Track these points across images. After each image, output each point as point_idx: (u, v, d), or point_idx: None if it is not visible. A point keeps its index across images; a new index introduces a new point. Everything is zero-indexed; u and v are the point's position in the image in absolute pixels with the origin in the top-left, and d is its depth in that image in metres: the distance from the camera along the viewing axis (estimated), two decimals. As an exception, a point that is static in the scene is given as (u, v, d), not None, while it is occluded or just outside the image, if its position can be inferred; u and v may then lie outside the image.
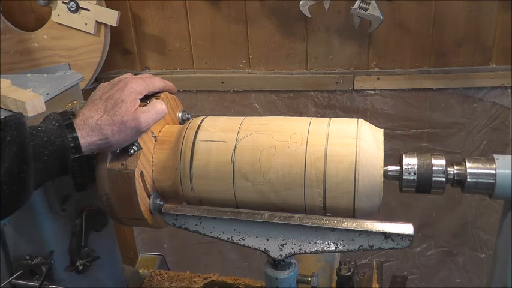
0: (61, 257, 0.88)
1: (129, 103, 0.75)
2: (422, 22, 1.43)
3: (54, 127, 0.70)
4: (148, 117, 0.76)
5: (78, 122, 0.72)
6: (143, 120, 0.75)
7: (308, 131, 0.77)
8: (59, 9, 1.51)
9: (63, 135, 0.70)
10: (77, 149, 0.71)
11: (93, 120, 0.72)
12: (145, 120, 0.75)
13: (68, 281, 0.89)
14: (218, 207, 0.79)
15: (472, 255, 1.74)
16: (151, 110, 0.77)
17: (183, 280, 1.17)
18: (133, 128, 0.74)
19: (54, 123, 0.71)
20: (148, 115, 0.76)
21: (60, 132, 0.70)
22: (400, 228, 0.71)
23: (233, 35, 1.54)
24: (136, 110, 0.75)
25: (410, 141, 1.59)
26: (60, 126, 0.70)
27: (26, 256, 0.85)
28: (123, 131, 0.74)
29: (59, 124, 0.70)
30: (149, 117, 0.76)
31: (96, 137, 0.72)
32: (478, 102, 1.51)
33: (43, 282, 0.84)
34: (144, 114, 0.75)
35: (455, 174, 0.72)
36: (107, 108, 0.74)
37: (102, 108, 0.74)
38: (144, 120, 0.75)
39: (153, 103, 0.78)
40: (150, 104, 0.78)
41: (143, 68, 1.65)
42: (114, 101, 0.74)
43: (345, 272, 1.00)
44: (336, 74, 1.53)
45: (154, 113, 0.77)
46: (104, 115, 0.73)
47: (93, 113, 0.73)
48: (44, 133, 0.69)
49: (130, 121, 0.74)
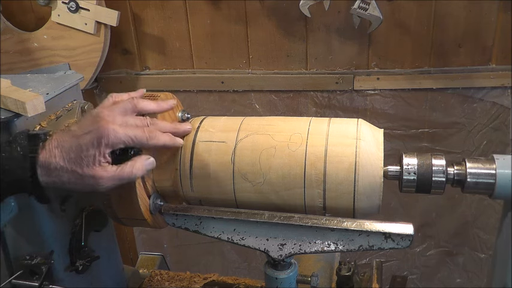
0: (61, 257, 0.88)
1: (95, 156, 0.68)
2: (422, 22, 1.43)
3: (18, 155, 0.68)
4: (108, 180, 0.69)
5: (41, 158, 0.68)
6: (101, 182, 0.69)
7: (308, 132, 0.77)
8: (59, 9, 1.51)
9: (24, 167, 0.67)
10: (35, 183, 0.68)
11: (54, 162, 0.68)
12: (104, 182, 0.69)
13: (68, 281, 0.88)
14: (218, 207, 0.79)
15: (472, 255, 1.74)
16: (116, 173, 0.69)
17: (183, 280, 1.17)
18: (88, 184, 0.69)
19: (19, 151, 0.68)
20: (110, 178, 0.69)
21: (23, 164, 0.67)
22: (400, 228, 0.71)
23: (233, 35, 1.54)
24: (98, 168, 0.68)
25: (410, 141, 1.59)
26: (24, 157, 0.68)
27: (26, 256, 0.84)
28: (79, 183, 0.69)
29: (23, 154, 0.68)
30: (110, 180, 0.69)
31: (54, 178, 0.68)
32: (478, 102, 1.51)
33: (43, 282, 0.83)
34: (105, 174, 0.69)
35: (455, 174, 0.72)
36: (71, 152, 0.68)
37: (67, 149, 0.68)
38: (102, 182, 0.69)
39: (123, 166, 0.70)
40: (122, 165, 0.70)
41: (143, 68, 1.65)
42: (81, 147, 0.68)
43: (345, 272, 1.00)
44: (336, 74, 1.53)
45: (118, 178, 0.70)
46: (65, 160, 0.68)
47: (56, 152, 0.68)
48: (6, 160, 0.67)
49: (88, 177, 0.68)
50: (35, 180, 0.68)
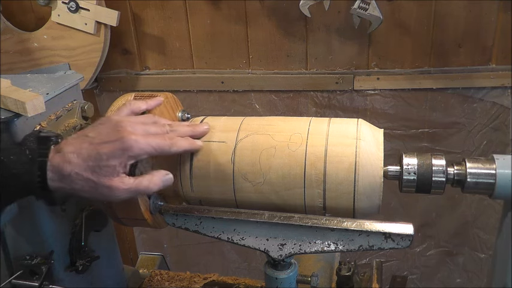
0: (61, 257, 0.88)
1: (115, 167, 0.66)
2: (422, 22, 1.43)
3: (26, 160, 0.65)
4: (124, 192, 0.67)
5: (54, 162, 0.66)
6: (117, 193, 0.67)
7: (308, 132, 0.77)
8: (59, 9, 1.51)
9: (32, 172, 0.65)
10: (43, 188, 0.66)
11: (68, 168, 0.65)
12: (119, 193, 0.67)
13: (68, 281, 0.88)
14: (218, 207, 0.79)
15: (472, 255, 1.74)
16: (133, 185, 0.68)
17: (183, 280, 1.17)
18: (102, 194, 0.67)
19: (28, 155, 0.66)
20: (125, 190, 0.67)
21: (30, 169, 0.65)
22: (400, 228, 0.71)
23: (233, 35, 1.54)
24: (116, 179, 0.67)
25: (410, 141, 1.59)
26: (32, 161, 0.65)
27: (26, 256, 0.84)
28: (92, 192, 0.67)
29: (32, 158, 0.66)
30: (125, 192, 0.68)
31: (66, 185, 0.66)
32: (478, 102, 1.51)
33: (43, 282, 0.83)
34: (122, 185, 0.67)
35: (455, 174, 0.72)
36: (89, 160, 0.66)
37: (85, 156, 0.66)
38: (117, 193, 0.67)
39: (141, 179, 0.69)
40: (140, 178, 0.69)
41: (143, 68, 1.65)
42: (100, 156, 0.66)
43: (345, 272, 1.00)
44: (336, 74, 1.53)
45: (134, 191, 0.68)
46: (81, 168, 0.65)
47: (73, 158, 0.66)
48: (14, 164, 0.65)
49: (103, 187, 0.66)
50: (44, 184, 0.66)
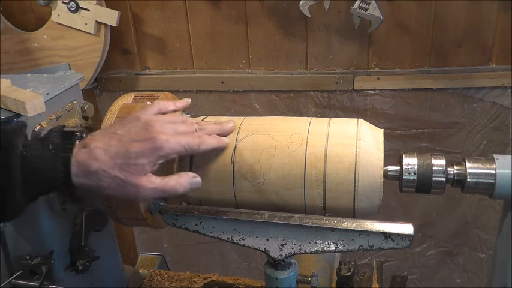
0: (61, 257, 0.88)
1: (144, 166, 0.66)
2: (422, 22, 1.43)
3: (49, 155, 0.64)
4: (151, 191, 0.67)
5: (79, 157, 0.65)
6: (143, 192, 0.67)
7: (308, 132, 0.77)
8: (59, 9, 1.51)
9: (56, 167, 0.64)
10: (67, 184, 0.65)
11: (95, 165, 0.64)
12: (146, 193, 0.67)
13: (68, 281, 0.89)
14: (218, 207, 0.79)
15: (472, 255, 1.74)
16: (160, 185, 0.67)
17: (183, 280, 1.17)
18: (129, 192, 0.67)
19: (51, 150, 0.65)
20: (152, 189, 0.67)
21: (54, 164, 0.64)
22: (400, 228, 0.71)
23: (233, 35, 1.54)
24: (144, 178, 0.66)
25: (410, 141, 1.59)
26: (56, 156, 0.64)
27: (26, 256, 0.85)
28: (118, 190, 0.66)
29: (55, 153, 0.65)
30: (152, 192, 0.67)
31: (91, 181, 0.65)
32: (478, 102, 1.51)
33: (43, 282, 0.84)
34: (149, 184, 0.67)
35: (455, 174, 0.72)
36: (118, 157, 0.65)
37: (113, 154, 0.65)
38: (144, 192, 0.67)
39: (167, 179, 0.69)
40: (167, 178, 0.69)
41: (143, 68, 1.65)
42: (129, 154, 0.65)
43: (345, 272, 1.00)
44: (336, 74, 1.53)
45: (161, 191, 0.68)
46: (108, 165, 0.65)
47: (100, 154, 0.65)
48: (36, 159, 0.63)
49: (131, 185, 0.66)
50: (68, 180, 0.65)
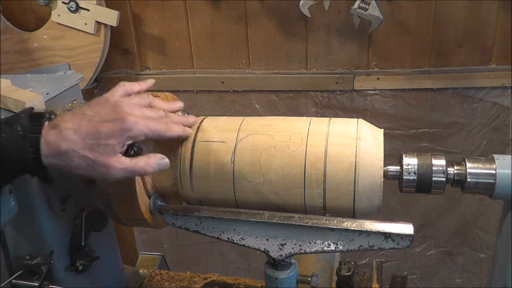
0: (61, 257, 0.88)
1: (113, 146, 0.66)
2: (422, 22, 1.43)
3: (18, 136, 0.65)
4: (120, 171, 0.67)
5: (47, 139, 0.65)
6: (113, 172, 0.67)
7: (308, 132, 0.77)
8: (59, 9, 1.51)
9: (25, 149, 0.65)
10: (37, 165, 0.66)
11: (65, 145, 0.65)
12: (116, 173, 0.67)
13: (68, 281, 0.89)
14: (218, 207, 0.79)
15: (472, 255, 1.74)
16: (130, 165, 0.68)
17: (183, 280, 1.17)
18: (99, 172, 0.67)
19: (20, 131, 0.65)
20: (122, 169, 0.67)
21: (23, 145, 0.65)
22: (400, 228, 0.71)
23: (233, 35, 1.54)
24: (113, 158, 0.67)
25: (410, 141, 1.59)
26: (24, 137, 0.65)
27: (26, 256, 0.85)
28: (88, 170, 0.67)
29: (24, 134, 0.65)
30: (121, 172, 0.68)
31: (61, 162, 0.66)
32: (478, 102, 1.51)
33: (43, 282, 0.84)
34: (119, 165, 0.67)
35: (455, 174, 0.73)
36: (88, 138, 0.66)
37: (83, 134, 0.66)
38: (114, 172, 0.67)
39: (137, 160, 0.69)
40: (136, 159, 0.69)
41: (143, 68, 1.65)
42: (99, 134, 0.66)
43: (345, 272, 1.00)
44: (336, 74, 1.53)
45: (130, 171, 0.68)
46: (78, 145, 0.65)
47: (70, 135, 0.65)
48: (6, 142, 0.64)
49: (100, 165, 0.66)
50: (38, 161, 0.66)
